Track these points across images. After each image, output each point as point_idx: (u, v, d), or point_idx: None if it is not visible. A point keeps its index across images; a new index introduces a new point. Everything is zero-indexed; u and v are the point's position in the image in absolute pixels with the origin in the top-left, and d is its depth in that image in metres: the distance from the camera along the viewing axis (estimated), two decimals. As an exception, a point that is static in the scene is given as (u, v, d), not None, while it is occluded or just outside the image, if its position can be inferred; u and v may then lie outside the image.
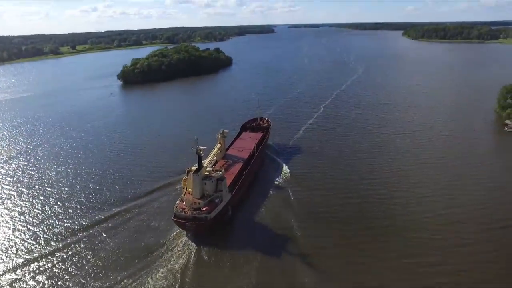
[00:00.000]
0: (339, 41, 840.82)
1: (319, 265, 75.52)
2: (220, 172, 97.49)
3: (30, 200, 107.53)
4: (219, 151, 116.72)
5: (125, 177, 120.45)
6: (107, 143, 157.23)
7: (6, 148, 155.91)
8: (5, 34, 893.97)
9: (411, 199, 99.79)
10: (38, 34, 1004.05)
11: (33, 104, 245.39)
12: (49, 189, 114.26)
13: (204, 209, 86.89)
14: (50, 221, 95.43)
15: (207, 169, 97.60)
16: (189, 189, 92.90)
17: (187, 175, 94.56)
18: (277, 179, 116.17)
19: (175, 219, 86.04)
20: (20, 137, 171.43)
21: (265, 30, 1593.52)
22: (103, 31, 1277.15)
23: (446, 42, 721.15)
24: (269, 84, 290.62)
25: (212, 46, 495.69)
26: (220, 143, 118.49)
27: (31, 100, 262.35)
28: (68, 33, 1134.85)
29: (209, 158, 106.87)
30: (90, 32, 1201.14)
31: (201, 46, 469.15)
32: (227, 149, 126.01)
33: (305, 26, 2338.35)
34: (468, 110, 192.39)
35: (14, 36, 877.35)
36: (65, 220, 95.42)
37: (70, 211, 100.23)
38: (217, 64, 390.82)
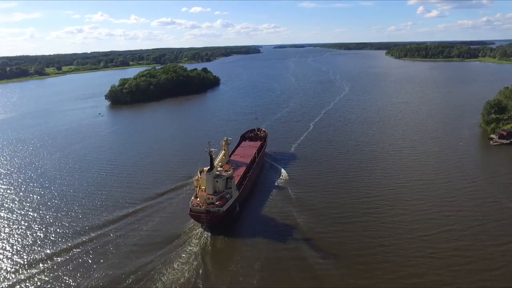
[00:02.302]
0: (325, 61, 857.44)
1: (322, 247, 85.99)
2: (229, 172, 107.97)
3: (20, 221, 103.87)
4: (223, 157, 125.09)
5: (118, 193, 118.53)
6: (96, 163, 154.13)
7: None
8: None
9: (408, 217, 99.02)
10: (23, 55, 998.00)
11: (16, 125, 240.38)
12: (31, 213, 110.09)
13: (217, 203, 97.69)
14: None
15: (218, 169, 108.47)
16: (202, 187, 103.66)
17: (200, 174, 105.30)
18: (277, 181, 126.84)
19: (191, 213, 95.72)
20: (2, 159, 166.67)
21: (251, 50, 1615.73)
22: (89, 52, 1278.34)
23: (428, 61, 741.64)
24: (257, 103, 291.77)
25: (199, 66, 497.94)
26: (224, 150, 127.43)
27: (15, 121, 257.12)
28: (54, 54, 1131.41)
29: (216, 162, 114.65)
30: (75, 53, 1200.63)
31: (188, 66, 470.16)
32: (230, 156, 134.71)
33: (290, 46, 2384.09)
34: (454, 126, 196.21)
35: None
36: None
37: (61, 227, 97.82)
38: (205, 84, 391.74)
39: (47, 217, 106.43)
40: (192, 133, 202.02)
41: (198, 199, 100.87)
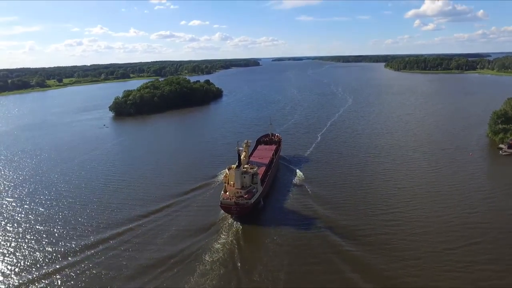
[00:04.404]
0: (325, 73, 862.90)
1: (342, 232, 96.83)
2: (255, 169, 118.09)
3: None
4: (244, 158, 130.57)
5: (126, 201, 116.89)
6: (104, 173, 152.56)
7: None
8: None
9: (430, 231, 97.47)
10: (23, 68, 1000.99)
11: (21, 137, 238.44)
12: (38, 226, 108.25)
13: (245, 196, 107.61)
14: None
15: (244, 166, 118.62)
16: (231, 182, 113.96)
17: (228, 171, 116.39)
18: (294, 179, 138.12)
19: (222, 205, 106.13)
20: (6, 171, 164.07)
21: (251, 63, 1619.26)
22: (88, 64, 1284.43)
23: (427, 73, 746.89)
24: (262, 114, 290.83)
25: (200, 79, 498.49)
26: (245, 152, 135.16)
27: (19, 132, 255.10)
28: (54, 67, 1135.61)
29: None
30: (75, 66, 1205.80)
31: (190, 79, 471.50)
32: (249, 158, 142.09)
33: (289, 59, 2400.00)
34: (462, 136, 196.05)
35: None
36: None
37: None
38: (208, 96, 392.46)
39: (59, 222, 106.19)
40: (199, 145, 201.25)
41: (227, 193, 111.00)
